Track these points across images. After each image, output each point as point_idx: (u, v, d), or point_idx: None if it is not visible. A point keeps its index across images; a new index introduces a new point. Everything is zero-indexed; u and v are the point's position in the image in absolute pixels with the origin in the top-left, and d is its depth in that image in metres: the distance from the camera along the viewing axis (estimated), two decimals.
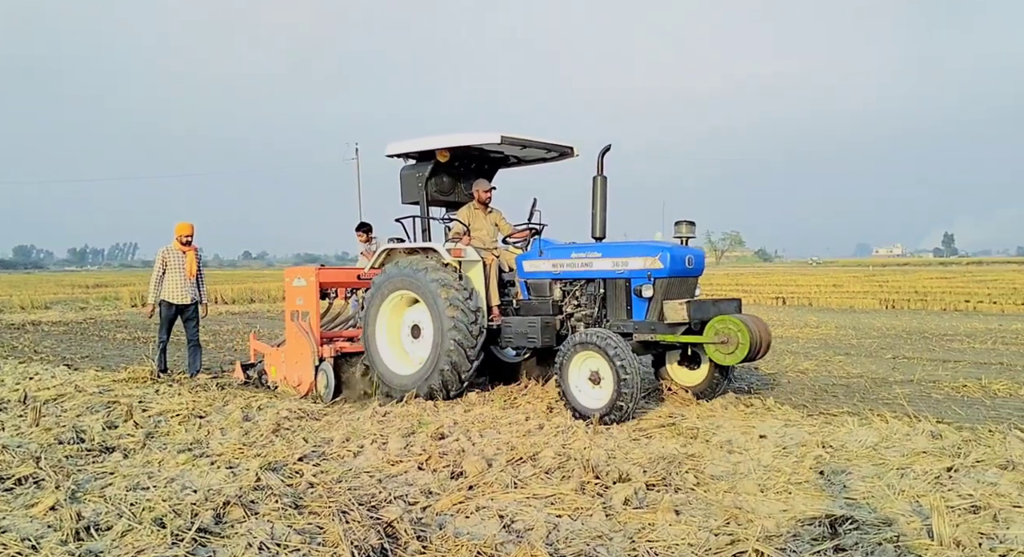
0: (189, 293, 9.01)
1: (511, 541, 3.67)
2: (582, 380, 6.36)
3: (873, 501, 4.16)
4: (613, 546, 3.65)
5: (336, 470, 4.93)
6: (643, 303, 6.56)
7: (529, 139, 7.11)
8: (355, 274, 8.55)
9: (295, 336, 7.89)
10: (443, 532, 3.77)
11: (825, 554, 3.46)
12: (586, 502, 4.22)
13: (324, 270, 8.23)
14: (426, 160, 7.53)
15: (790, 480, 4.59)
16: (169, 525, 3.82)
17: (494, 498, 4.31)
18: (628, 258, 6.63)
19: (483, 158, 7.96)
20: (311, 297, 7.94)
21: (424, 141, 7.39)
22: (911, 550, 3.43)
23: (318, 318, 8.00)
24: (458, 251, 7.23)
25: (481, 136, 6.96)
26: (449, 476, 4.76)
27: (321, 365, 7.67)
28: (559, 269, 7.06)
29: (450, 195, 8.00)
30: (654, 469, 4.78)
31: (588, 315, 7.01)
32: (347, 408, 7.19)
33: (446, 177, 7.89)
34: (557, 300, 7.14)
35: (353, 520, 3.90)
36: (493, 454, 5.19)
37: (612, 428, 6.04)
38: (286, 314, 8.20)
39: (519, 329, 7.05)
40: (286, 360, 8.01)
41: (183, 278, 8.95)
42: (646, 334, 6.48)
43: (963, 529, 3.61)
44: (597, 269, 6.84)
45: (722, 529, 3.81)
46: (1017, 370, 8.98)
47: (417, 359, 7.39)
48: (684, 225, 6.78)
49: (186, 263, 8.96)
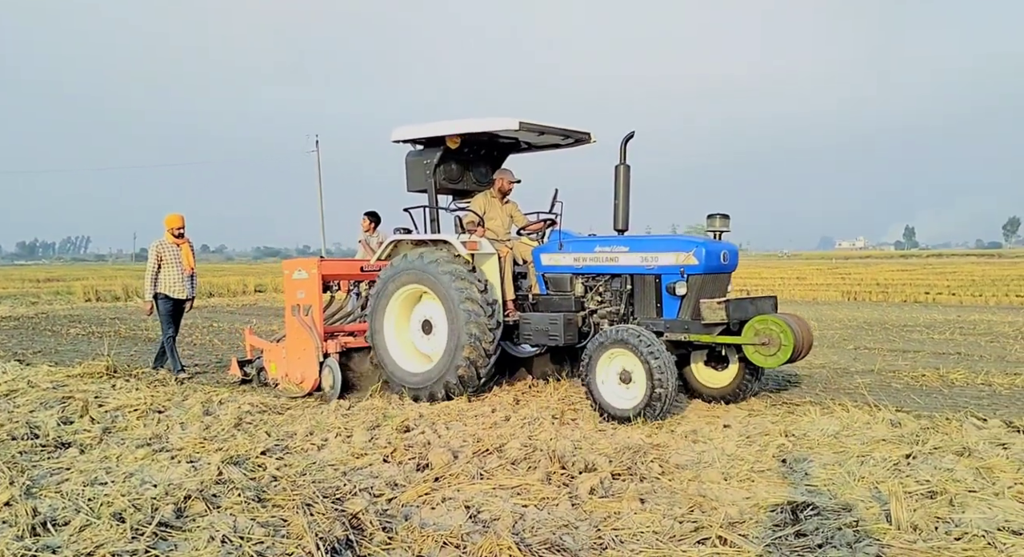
0: (187, 287, 8.68)
1: (477, 531, 3.66)
2: (611, 379, 6.05)
3: (833, 488, 4.23)
4: (579, 534, 3.66)
5: (300, 463, 4.87)
6: (675, 301, 6.22)
7: (547, 125, 6.77)
8: (358, 266, 8.20)
9: (297, 331, 7.55)
10: (409, 523, 3.75)
11: (786, 539, 3.51)
12: (552, 492, 4.23)
13: (327, 262, 7.90)
14: (434, 146, 7.14)
15: (753, 468, 4.64)
16: (129, 519, 3.74)
17: (460, 489, 4.30)
18: (659, 253, 6.26)
19: (493, 144, 7.60)
20: (313, 290, 7.59)
21: (434, 126, 6.98)
22: (869, 534, 3.49)
23: (321, 312, 7.68)
24: (473, 244, 6.85)
25: (498, 122, 6.60)
26: (415, 468, 4.74)
27: (326, 361, 7.34)
28: (581, 263, 6.72)
29: (459, 183, 7.61)
30: (620, 459, 4.81)
31: (613, 312, 6.67)
32: (311, 402, 7.11)
33: (455, 164, 7.49)
34: (579, 296, 6.80)
35: (318, 512, 3.86)
36: (459, 446, 5.17)
37: (579, 419, 6.06)
38: (286, 308, 7.86)
39: (539, 326, 6.70)
40: (287, 356, 7.65)
41: (181, 271, 8.60)
42: (679, 334, 6.13)
43: (920, 514, 3.68)
44: (624, 264, 6.48)
45: (686, 516, 3.85)
46: (974, 360, 9.22)
47: (429, 356, 7.08)
48: (718, 218, 6.44)
49: (182, 256, 8.61)
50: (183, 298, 8.68)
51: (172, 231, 8.62)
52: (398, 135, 7.17)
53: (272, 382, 7.78)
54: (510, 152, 7.87)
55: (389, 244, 7.42)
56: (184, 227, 8.68)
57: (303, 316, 7.57)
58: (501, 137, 7.28)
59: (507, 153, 7.88)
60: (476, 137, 7.11)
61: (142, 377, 8.48)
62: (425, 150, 7.22)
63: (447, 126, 6.89)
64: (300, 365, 7.48)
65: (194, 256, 8.87)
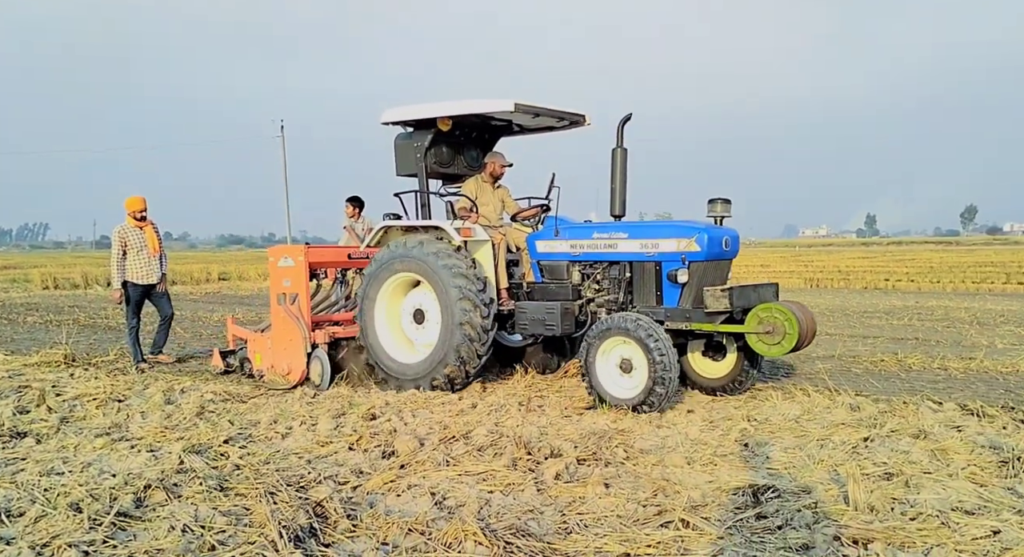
0: (155, 271, 8.43)
1: (443, 517, 3.66)
2: (611, 368, 5.94)
3: (794, 471, 4.31)
4: (544, 519, 3.68)
5: (263, 452, 4.82)
6: (676, 289, 6.08)
7: (543, 107, 6.62)
8: (346, 253, 7.97)
9: (283, 321, 7.32)
10: (374, 510, 3.73)
11: (747, 522, 3.57)
12: (518, 478, 4.24)
13: (314, 249, 7.67)
14: (425, 128, 6.94)
15: (716, 452, 4.71)
16: (86, 510, 3.66)
17: (426, 476, 4.29)
18: (659, 239, 6.10)
19: (484, 127, 7.41)
20: (300, 278, 7.35)
21: (426, 108, 6.76)
22: (828, 516, 3.56)
23: (308, 301, 7.46)
24: (467, 231, 6.69)
25: (493, 103, 6.43)
26: (380, 456, 4.72)
27: (315, 352, 7.15)
28: (579, 250, 6.55)
29: (450, 167, 7.36)
30: (585, 444, 4.84)
31: (611, 300, 6.53)
32: (275, 390, 7.03)
33: (445, 147, 7.24)
34: (576, 284, 6.64)
35: (281, 501, 3.82)
36: (425, 433, 5.16)
37: (545, 406, 6.08)
38: (271, 296, 7.62)
39: (535, 315, 6.54)
40: (273, 347, 7.40)
41: (147, 256, 8.33)
42: (679, 322, 5.99)
43: (877, 495, 3.77)
44: (623, 251, 6.33)
45: (650, 500, 3.89)
46: (931, 345, 9.45)
47: (420, 347, 6.93)
48: (719, 203, 6.27)
49: (146, 239, 8.35)
50: (152, 283, 8.44)
51: (133, 214, 8.35)
52: (388, 117, 6.94)
53: (257, 373, 7.53)
54: (502, 135, 7.70)
55: (379, 230, 7.22)
56: (146, 209, 8.42)
57: (289, 305, 7.37)
58: (493, 119, 7.12)
59: (499, 136, 7.71)
60: (468, 119, 6.94)
61: (101, 366, 8.31)
62: (415, 132, 7.02)
63: (440, 107, 6.69)
64: (286, 356, 7.27)
65: (159, 237, 8.62)
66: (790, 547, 3.26)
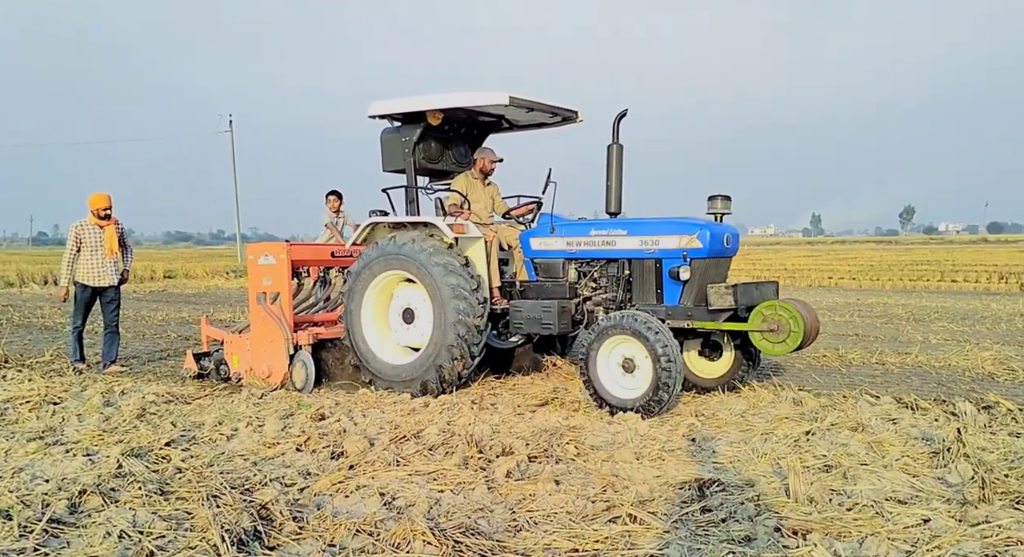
0: (109, 274, 7.89)
1: (391, 518, 3.63)
2: (613, 368, 5.78)
3: (738, 464, 4.40)
4: (494, 517, 3.68)
5: (207, 454, 4.71)
6: (677, 286, 5.96)
7: (537, 101, 6.44)
8: (328, 251, 7.64)
9: (263, 321, 7.00)
10: (321, 512, 3.68)
11: (692, 515, 3.63)
12: (469, 476, 4.24)
13: (296, 246, 7.37)
14: (413, 122, 6.72)
15: (664, 448, 4.78)
16: (16, 517, 3.53)
17: (375, 476, 4.25)
18: (660, 236, 5.97)
19: (473, 122, 7.22)
20: (281, 277, 7.04)
21: (416, 101, 6.51)
22: (769, 508, 3.65)
23: (290, 301, 7.13)
24: (460, 227, 6.49)
25: (487, 96, 6.23)
26: (329, 456, 4.65)
27: (298, 354, 6.85)
28: (575, 248, 6.40)
29: (438, 162, 7.15)
30: (536, 442, 4.85)
31: (609, 299, 6.40)
32: (220, 390, 6.88)
33: (434, 142, 7.04)
34: (572, 282, 6.48)
35: (224, 504, 3.74)
36: (376, 433, 5.11)
37: (498, 404, 6.07)
38: (250, 296, 7.28)
39: (531, 314, 6.35)
40: (252, 348, 7.09)
41: (101, 257, 7.82)
42: (681, 321, 5.87)
43: (816, 487, 3.87)
44: (621, 248, 6.20)
45: (599, 496, 3.92)
46: (870, 340, 9.75)
47: (409, 347, 6.74)
48: (719, 200, 6.17)
49: (105, 239, 7.82)
50: (103, 286, 7.93)
51: (96, 212, 7.81)
52: (375, 110, 6.70)
53: (235, 377, 7.21)
54: (491, 131, 7.50)
55: (366, 227, 6.97)
56: (110, 208, 7.87)
57: (270, 305, 7.04)
58: (483, 115, 6.95)
59: (488, 132, 7.51)
60: (458, 114, 6.75)
61: (36, 367, 8.01)
62: (403, 127, 6.79)
63: (431, 100, 6.47)
64: (267, 358, 6.98)
65: (125, 239, 8.11)
66: (733, 539, 3.33)
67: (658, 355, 5.45)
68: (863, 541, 3.23)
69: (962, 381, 7.00)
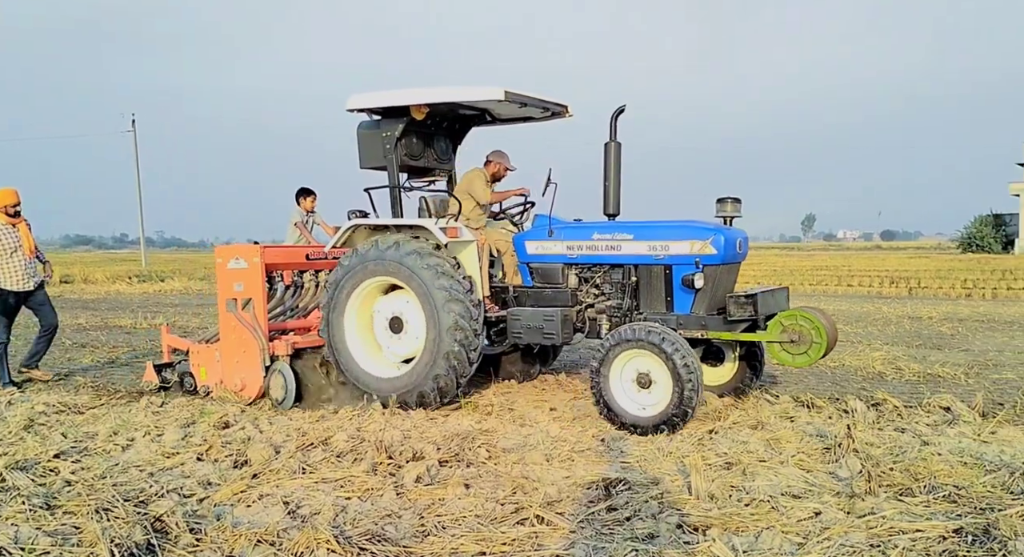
0: (32, 276, 7.21)
1: (295, 526, 3.54)
2: (626, 384, 5.41)
3: (645, 463, 4.51)
4: (402, 523, 3.64)
5: (99, 466, 4.47)
6: (688, 294, 5.65)
7: (532, 96, 6.14)
8: (303, 254, 7.18)
9: (234, 330, 6.51)
10: (220, 523, 3.55)
11: (598, 515, 3.70)
12: (377, 483, 4.18)
13: (270, 248, 6.88)
14: (395, 117, 6.29)
15: (574, 448, 4.85)
16: None
17: (280, 485, 4.15)
18: (670, 241, 5.65)
19: (456, 116, 6.84)
20: (255, 282, 6.54)
21: (401, 94, 6.10)
22: (672, 505, 3.75)
23: (265, 307, 6.63)
24: (454, 230, 6.13)
25: (481, 91, 5.90)
26: (232, 465, 4.51)
27: (275, 365, 6.37)
28: (576, 252, 6.05)
29: (419, 159, 6.70)
30: (448, 446, 4.84)
31: (613, 307, 6.03)
32: (117, 399, 6.54)
33: (415, 138, 6.60)
34: (573, 288, 6.13)
35: (116, 517, 3.56)
36: (282, 441, 4.98)
37: (409, 409, 6.02)
38: (219, 302, 6.75)
39: (531, 322, 5.98)
40: (222, 359, 6.60)
41: (23, 258, 7.09)
42: (694, 330, 5.57)
43: (717, 483, 4.01)
44: (628, 253, 5.85)
45: (508, 498, 3.94)
46: None
47: (398, 358, 6.34)
48: (729, 203, 5.88)
49: (22, 239, 7.12)
50: (30, 289, 7.24)
51: (5, 209, 7.12)
52: (355, 103, 6.24)
53: (202, 390, 6.70)
54: (473, 125, 7.12)
55: (348, 229, 6.51)
56: (19, 204, 7.17)
57: (242, 312, 6.54)
58: (468, 108, 6.59)
59: (470, 126, 7.14)
60: (440, 107, 6.35)
61: None
62: (384, 121, 6.35)
63: (417, 94, 6.09)
64: (239, 370, 6.50)
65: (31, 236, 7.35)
66: (636, 537, 3.40)
67: (679, 370, 5.11)
68: (759, 535, 3.36)
69: (854, 380, 7.39)
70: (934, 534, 3.33)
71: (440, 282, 5.86)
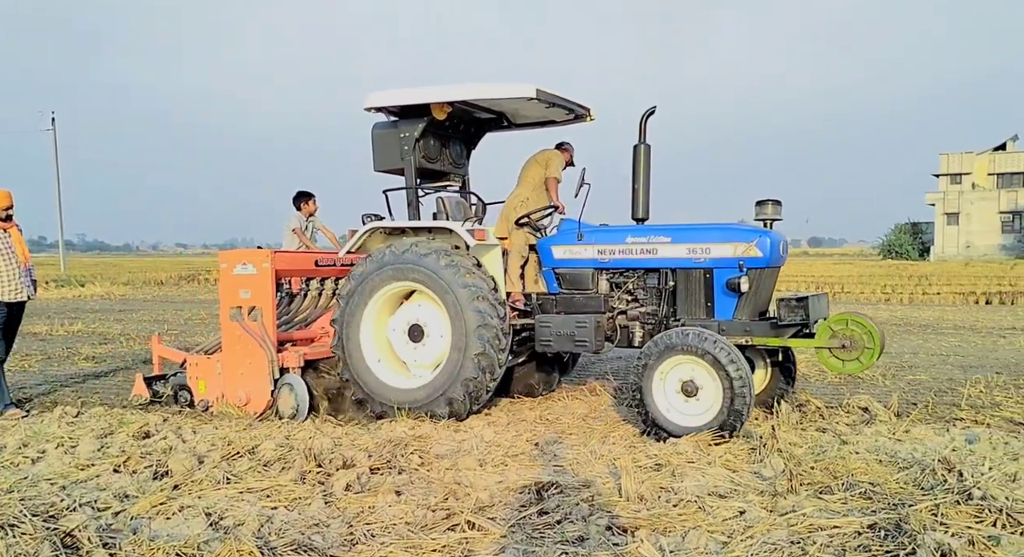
0: (25, 287, 6.53)
1: (217, 538, 3.42)
2: (671, 393, 5.19)
3: (577, 467, 4.53)
4: (329, 532, 3.57)
5: (6, 480, 4.23)
6: (731, 299, 5.47)
7: (561, 96, 5.92)
8: (312, 259, 6.84)
9: (239, 340, 6.15)
10: (136, 537, 3.41)
11: (530, 518, 3.69)
12: (305, 491, 4.09)
13: (281, 254, 6.54)
14: (415, 117, 6.01)
15: (508, 453, 4.84)
16: None
17: (202, 496, 4.00)
18: (711, 244, 5.48)
19: (471, 119, 6.60)
20: (263, 289, 6.18)
21: (424, 92, 5.83)
22: (603, 507, 3.78)
23: (274, 317, 6.28)
24: (482, 232, 5.89)
25: (511, 88, 5.67)
26: (151, 477, 4.34)
27: (285, 378, 6.05)
28: (608, 257, 5.82)
29: (436, 162, 6.41)
30: (380, 453, 4.76)
31: (648, 313, 5.83)
32: (28, 409, 6.22)
33: (433, 139, 6.31)
34: (604, 294, 5.91)
35: (22, 533, 3.38)
36: (206, 450, 4.82)
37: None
38: (222, 310, 6.35)
39: (563, 330, 5.70)
40: (224, 372, 6.23)
41: (17, 266, 6.43)
42: (739, 337, 5.34)
43: (647, 485, 4.06)
44: (664, 257, 5.65)
45: (440, 505, 3.90)
46: None
47: (421, 368, 6.03)
48: (769, 205, 5.65)
49: (14, 244, 6.50)
50: (22, 301, 6.57)
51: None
52: (374, 101, 5.97)
53: (200, 404, 6.29)
54: (488, 130, 6.88)
55: (365, 233, 6.16)
56: (12, 207, 6.54)
57: (248, 321, 6.17)
58: (486, 110, 6.40)
59: (485, 130, 6.89)
60: (460, 108, 6.10)
61: None
62: (402, 122, 6.09)
63: (441, 92, 5.83)
64: (244, 382, 6.13)
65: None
66: (567, 540, 3.41)
67: (731, 378, 4.89)
68: (686, 535, 3.41)
69: None
70: (850, 530, 3.44)
71: (464, 280, 5.59)
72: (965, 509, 3.55)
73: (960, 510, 3.55)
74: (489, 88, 5.78)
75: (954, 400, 6.47)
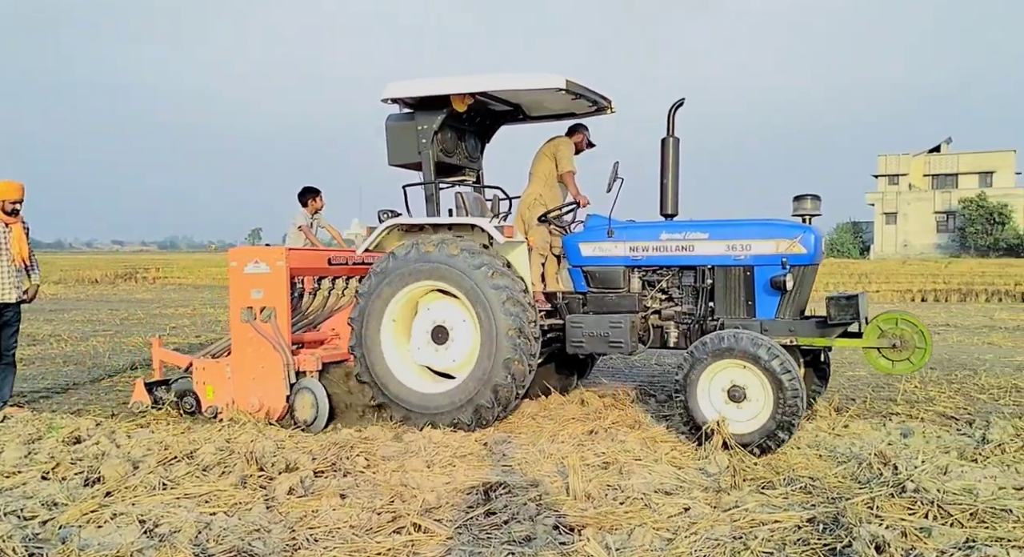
0: (15, 286, 6.16)
1: (151, 546, 3.30)
2: (716, 398, 4.95)
3: (526, 466, 4.51)
4: (271, 538, 3.47)
5: None
6: (773, 298, 5.26)
7: (588, 88, 5.74)
8: (326, 258, 6.55)
9: (251, 342, 5.86)
10: (65, 546, 3.27)
11: (477, 519, 3.66)
12: (246, 496, 3.98)
13: (296, 252, 6.25)
14: (431, 109, 5.75)
15: (456, 454, 4.79)
16: None
17: (136, 503, 3.87)
18: (752, 240, 5.28)
19: (487, 112, 6.36)
20: (278, 289, 5.89)
21: (445, 82, 5.61)
22: (550, 506, 3.77)
23: (289, 318, 5.97)
24: (510, 229, 5.67)
25: (539, 79, 5.47)
26: (82, 484, 4.17)
27: (303, 382, 5.79)
28: (641, 254, 5.58)
29: (452, 156, 6.19)
30: (324, 455, 4.67)
31: (684, 312, 5.63)
32: None
33: (451, 132, 6.08)
34: (637, 293, 5.68)
35: None
36: (142, 455, 4.66)
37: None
38: (232, 311, 6.06)
39: (596, 330, 5.48)
40: (234, 376, 5.92)
41: (8, 265, 6.11)
42: (783, 337, 5.11)
43: (595, 483, 4.07)
44: (702, 254, 5.43)
45: (385, 507, 3.84)
46: None
47: (446, 371, 5.80)
48: (808, 200, 5.47)
49: (12, 241, 6.15)
50: (9, 302, 6.19)
51: (3, 205, 6.11)
52: (392, 92, 5.72)
53: (208, 411, 5.96)
54: (503, 122, 6.66)
55: (384, 230, 5.89)
56: (21, 201, 6.18)
57: (261, 323, 5.87)
58: (504, 102, 6.17)
59: (499, 124, 6.68)
60: (483, 99, 5.85)
61: None
62: (419, 114, 5.81)
63: (464, 83, 5.59)
64: (257, 388, 5.84)
65: (28, 240, 6.36)
66: (514, 540, 3.39)
67: (783, 384, 4.65)
68: (632, 532, 3.43)
69: None
70: (790, 524, 3.51)
71: (495, 282, 5.35)
72: (899, 502, 3.65)
73: (895, 503, 3.65)
74: (516, 78, 5.61)
75: (890, 395, 6.68)
